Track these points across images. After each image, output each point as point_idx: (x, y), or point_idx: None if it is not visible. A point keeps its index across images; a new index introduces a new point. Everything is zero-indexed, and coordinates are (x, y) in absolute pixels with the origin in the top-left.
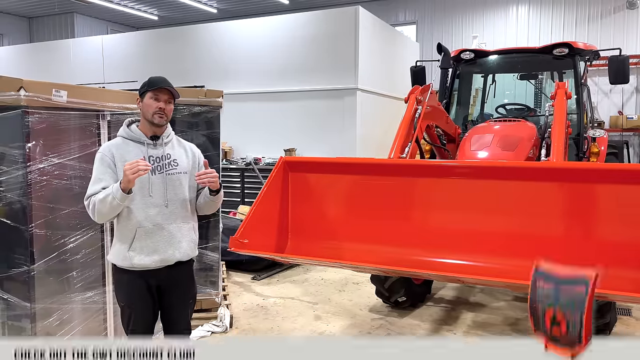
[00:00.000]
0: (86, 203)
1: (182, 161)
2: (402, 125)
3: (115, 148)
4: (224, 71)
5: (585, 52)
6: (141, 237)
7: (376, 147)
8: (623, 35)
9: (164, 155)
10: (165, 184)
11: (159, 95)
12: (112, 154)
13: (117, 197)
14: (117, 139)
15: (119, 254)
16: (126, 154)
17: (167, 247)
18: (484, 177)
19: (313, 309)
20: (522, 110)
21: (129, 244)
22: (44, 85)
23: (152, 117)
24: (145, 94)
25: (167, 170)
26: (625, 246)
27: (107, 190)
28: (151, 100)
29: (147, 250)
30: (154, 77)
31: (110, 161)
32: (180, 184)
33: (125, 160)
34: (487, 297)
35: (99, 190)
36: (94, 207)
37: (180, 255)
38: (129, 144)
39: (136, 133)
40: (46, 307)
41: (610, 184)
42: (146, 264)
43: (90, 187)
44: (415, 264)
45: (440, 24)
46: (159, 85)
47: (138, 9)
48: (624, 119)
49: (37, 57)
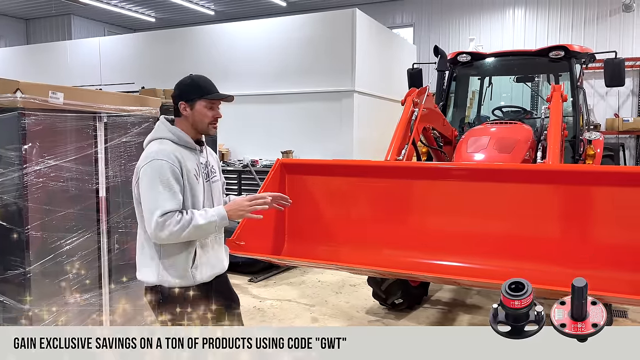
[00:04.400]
0: (161, 220)
1: (216, 167)
2: (398, 127)
3: (177, 155)
4: (221, 73)
5: (581, 55)
6: (201, 252)
7: (373, 150)
8: (619, 38)
9: (207, 162)
10: (212, 192)
11: (214, 103)
12: (179, 162)
13: (221, 225)
14: (166, 143)
15: (175, 272)
16: (187, 161)
17: (218, 257)
18: (480, 180)
19: (310, 311)
20: (519, 112)
21: (191, 261)
22: (41, 87)
23: (207, 127)
24: (195, 100)
25: (212, 178)
26: (621, 248)
27: (208, 216)
28: (206, 110)
29: (206, 265)
30: (203, 80)
31: (179, 172)
32: (220, 191)
33: (188, 168)
34: (483, 299)
35: (178, 207)
36: (185, 230)
37: (226, 264)
38: (182, 149)
39: (187, 137)
40: (42, 310)
41: (606, 186)
42: (205, 279)
43: (166, 202)
44: (412, 266)
45: (437, 26)
46: (216, 93)
47: (135, 10)
48: (620, 121)
49: (33, 58)
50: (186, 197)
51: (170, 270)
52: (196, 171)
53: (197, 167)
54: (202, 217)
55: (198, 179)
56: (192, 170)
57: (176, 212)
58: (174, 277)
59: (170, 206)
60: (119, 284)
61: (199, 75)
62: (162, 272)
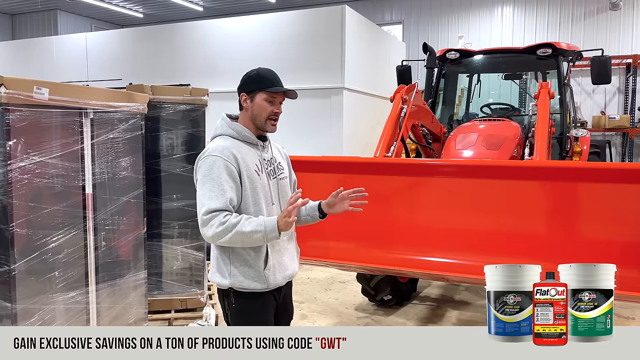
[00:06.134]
0: (206, 218)
1: (284, 164)
2: (387, 124)
3: (235, 151)
4: (210, 69)
5: (568, 53)
6: (273, 253)
7: (362, 146)
8: (606, 36)
9: (272, 158)
10: (279, 190)
11: (276, 97)
12: (235, 159)
13: (269, 238)
14: (226, 139)
15: (245, 276)
16: (246, 157)
17: (291, 261)
18: (468, 176)
19: (299, 308)
20: (507, 109)
21: (264, 263)
22: (25, 83)
23: (264, 122)
24: (256, 92)
25: (278, 175)
26: (607, 244)
27: (256, 224)
28: (265, 103)
29: (279, 267)
30: (267, 73)
31: (235, 169)
32: (289, 189)
33: (247, 164)
34: (471, 295)
35: (225, 207)
36: (228, 233)
37: (297, 268)
38: (242, 145)
39: (248, 132)
40: (27, 308)
41: (592, 182)
42: (279, 282)
43: (212, 200)
44: (401, 262)
45: (426, 23)
46: (278, 85)
47: (123, 6)
48: (606, 119)
49: (19, 54)
50: (246, 194)
51: (242, 272)
52: (258, 167)
53: (259, 162)
54: (250, 224)
55: (260, 175)
56: (253, 166)
57: (223, 212)
58: (247, 280)
59: (216, 205)
60: (105, 282)
61: (266, 68)
62: (235, 274)
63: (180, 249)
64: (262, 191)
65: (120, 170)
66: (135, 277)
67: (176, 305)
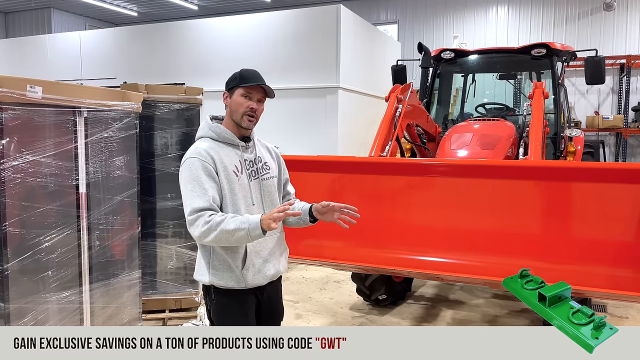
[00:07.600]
0: (191, 218)
1: (271, 164)
2: (382, 123)
3: (212, 152)
4: (205, 69)
5: (562, 53)
6: (252, 253)
7: (357, 146)
8: (600, 37)
9: (257, 159)
10: (262, 190)
11: (252, 93)
12: (212, 159)
13: (253, 236)
14: (206, 141)
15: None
16: (224, 158)
17: (276, 261)
18: (463, 176)
19: (294, 308)
20: (501, 109)
21: (242, 263)
22: (18, 81)
23: (240, 118)
24: (235, 89)
25: (262, 175)
26: (601, 243)
27: (239, 222)
28: (242, 99)
29: (258, 267)
30: (247, 71)
31: (213, 169)
32: (275, 189)
33: (225, 165)
34: (466, 295)
35: (209, 205)
36: (213, 231)
37: (282, 269)
38: (221, 146)
39: (227, 133)
40: (20, 307)
41: (586, 182)
42: (259, 282)
43: (195, 199)
44: (396, 262)
45: (421, 23)
46: (254, 81)
47: (117, 4)
48: (600, 119)
49: (12, 52)
50: (224, 194)
51: (220, 270)
52: (237, 168)
53: (239, 163)
54: (234, 222)
55: (239, 175)
56: (232, 167)
57: (208, 211)
58: (225, 278)
59: (199, 203)
60: (99, 281)
61: (249, 69)
62: (213, 272)
63: (174, 248)
64: (240, 192)
65: (114, 170)
66: (130, 276)
67: (170, 305)
